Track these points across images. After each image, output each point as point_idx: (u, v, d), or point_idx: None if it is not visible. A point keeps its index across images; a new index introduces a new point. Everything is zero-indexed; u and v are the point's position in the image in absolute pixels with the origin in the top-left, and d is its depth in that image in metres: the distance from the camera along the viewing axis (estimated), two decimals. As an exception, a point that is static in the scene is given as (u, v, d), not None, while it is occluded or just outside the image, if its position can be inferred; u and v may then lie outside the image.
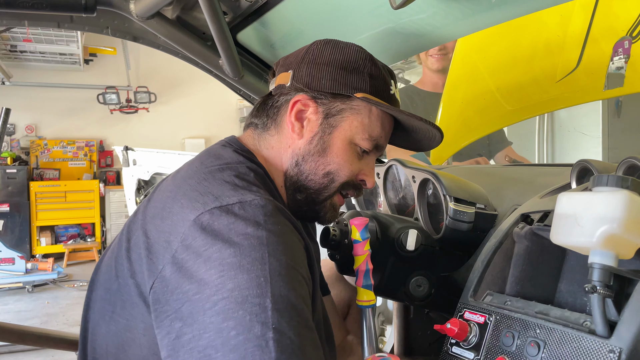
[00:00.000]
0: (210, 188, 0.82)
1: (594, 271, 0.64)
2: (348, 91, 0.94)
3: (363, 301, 0.90)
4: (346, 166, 0.96)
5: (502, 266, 0.92)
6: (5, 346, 3.77)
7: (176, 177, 0.91)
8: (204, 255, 0.72)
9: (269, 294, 0.69)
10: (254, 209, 0.76)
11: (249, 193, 0.80)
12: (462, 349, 0.83)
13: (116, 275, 0.85)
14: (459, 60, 2.06)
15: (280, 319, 0.68)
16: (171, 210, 0.81)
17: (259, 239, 0.73)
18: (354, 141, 0.96)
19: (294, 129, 0.96)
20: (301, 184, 0.97)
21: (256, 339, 0.65)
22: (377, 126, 0.97)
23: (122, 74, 7.88)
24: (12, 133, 7.62)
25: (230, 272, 0.70)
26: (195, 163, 0.93)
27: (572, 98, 1.75)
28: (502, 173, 1.52)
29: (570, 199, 0.70)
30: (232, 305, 0.68)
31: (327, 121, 0.95)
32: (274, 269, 0.71)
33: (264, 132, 1.00)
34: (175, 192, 0.85)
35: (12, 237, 6.86)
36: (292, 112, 0.96)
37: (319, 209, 0.99)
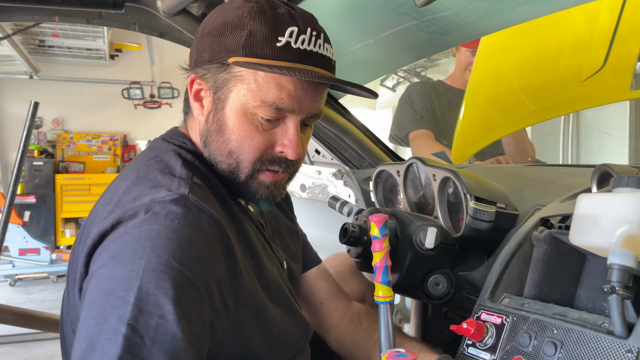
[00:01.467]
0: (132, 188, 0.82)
1: (613, 272, 0.64)
2: (223, 58, 0.85)
3: (381, 297, 0.91)
4: (246, 141, 0.87)
5: (521, 269, 0.92)
6: (30, 334, 3.86)
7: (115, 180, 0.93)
8: (107, 250, 0.75)
9: (135, 289, 0.67)
10: (160, 205, 0.76)
11: (165, 190, 0.79)
12: (478, 350, 0.83)
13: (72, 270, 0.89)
14: (483, 59, 2.04)
15: (137, 317, 0.66)
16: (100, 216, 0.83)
17: (149, 233, 0.72)
18: (248, 111, 0.85)
19: (194, 109, 0.92)
20: (214, 165, 0.91)
21: (109, 331, 0.65)
22: (270, 88, 0.83)
23: (147, 69, 7.98)
24: (39, 126, 7.78)
25: (110, 262, 0.71)
26: (132, 163, 0.94)
27: (598, 98, 1.73)
28: (524, 173, 1.51)
29: (590, 200, 0.70)
30: (100, 295, 0.69)
31: (217, 96, 0.88)
32: (149, 265, 0.69)
33: (187, 115, 0.99)
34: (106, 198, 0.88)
35: (37, 228, 7.01)
36: (191, 93, 0.92)
37: (245, 189, 0.91)
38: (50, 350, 3.83)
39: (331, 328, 1.22)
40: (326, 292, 1.24)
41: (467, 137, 2.01)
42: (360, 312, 1.26)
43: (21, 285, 5.82)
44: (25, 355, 3.77)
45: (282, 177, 0.92)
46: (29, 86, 7.42)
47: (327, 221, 2.04)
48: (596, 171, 0.90)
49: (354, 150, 1.81)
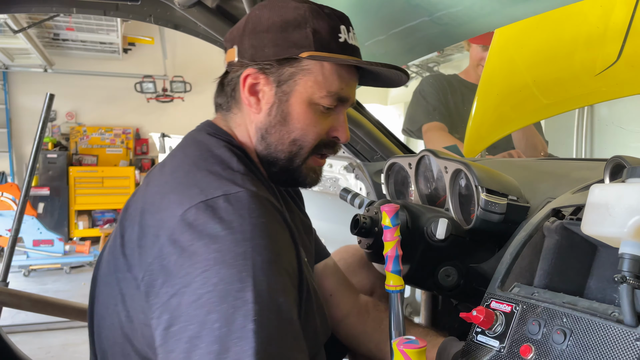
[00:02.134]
0: (196, 180, 0.83)
1: (624, 261, 0.64)
2: (292, 53, 0.91)
3: (392, 286, 0.92)
4: (311, 129, 0.95)
5: (531, 259, 0.92)
6: (44, 323, 3.92)
7: (163, 170, 0.92)
8: (189, 250, 0.75)
9: (251, 288, 0.71)
10: (238, 202, 0.78)
11: (233, 184, 0.81)
12: (488, 337, 0.84)
13: (114, 270, 0.88)
14: (496, 53, 2.03)
15: (260, 312, 0.70)
16: (160, 205, 0.83)
17: (243, 234, 0.75)
18: (313, 101, 0.93)
19: (250, 104, 0.95)
20: (272, 156, 0.96)
21: (238, 330, 0.69)
22: (334, 80, 0.93)
23: (159, 63, 8.02)
24: (53, 119, 7.86)
25: (215, 266, 0.73)
26: (179, 154, 0.94)
27: (611, 92, 1.72)
28: (536, 166, 1.51)
29: (602, 189, 0.70)
30: (216, 298, 0.71)
31: (281, 89, 0.93)
32: (256, 264, 0.73)
33: (228, 112, 1.00)
34: (163, 187, 0.87)
35: (51, 219, 7.10)
36: (245, 88, 0.94)
37: (296, 175, 0.98)
38: (64, 339, 3.88)
39: (340, 320, 1.23)
40: (334, 284, 1.25)
41: (479, 130, 2.01)
42: (368, 303, 1.28)
43: (35, 275, 5.90)
44: (40, 344, 3.83)
45: (324, 162, 1.02)
46: (43, 79, 7.49)
47: (337, 214, 2.05)
48: (609, 163, 0.90)
49: (366, 143, 1.82)
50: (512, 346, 0.78)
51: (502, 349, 0.79)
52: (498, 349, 0.80)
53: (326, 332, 1.07)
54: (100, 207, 7.73)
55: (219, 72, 0.98)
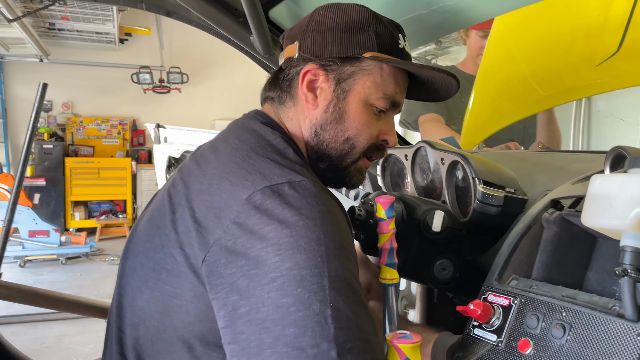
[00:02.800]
0: (257, 166, 0.83)
1: (626, 254, 0.62)
2: (356, 52, 0.93)
3: (386, 279, 0.90)
4: (365, 129, 0.96)
5: (529, 251, 0.90)
6: (39, 314, 3.91)
7: (217, 153, 0.92)
8: (258, 234, 0.75)
9: (326, 274, 0.72)
10: (303, 190, 0.78)
11: (295, 173, 0.81)
12: (485, 331, 0.82)
13: (161, 245, 0.87)
14: (494, 44, 2.01)
15: (337, 297, 0.71)
16: (219, 186, 0.83)
17: (314, 220, 0.75)
18: (369, 102, 0.95)
19: (307, 99, 0.96)
20: (323, 152, 0.97)
21: (315, 315, 0.69)
22: (390, 83, 0.96)
23: (156, 54, 7.98)
24: (49, 110, 7.82)
25: (288, 251, 0.73)
26: (232, 140, 0.93)
27: (610, 84, 1.70)
28: (534, 158, 1.49)
29: (604, 180, 0.68)
30: (291, 282, 0.71)
31: (340, 87, 0.95)
32: (329, 250, 0.74)
33: (281, 105, 1.00)
34: (222, 169, 0.86)
35: (47, 210, 7.08)
36: (303, 83, 0.95)
37: (343, 174, 0.99)
38: (59, 330, 3.88)
39: None
40: None
41: (476, 123, 1.99)
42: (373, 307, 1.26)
43: (30, 266, 5.89)
44: (35, 335, 3.82)
45: (369, 164, 1.03)
46: (38, 69, 7.45)
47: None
48: (610, 153, 0.88)
49: (362, 135, 1.79)
50: (509, 340, 0.77)
51: (500, 343, 0.78)
52: (495, 343, 0.79)
53: None
54: (96, 198, 7.71)
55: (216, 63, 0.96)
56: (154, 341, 0.86)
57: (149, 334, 0.87)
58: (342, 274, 0.73)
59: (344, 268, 0.74)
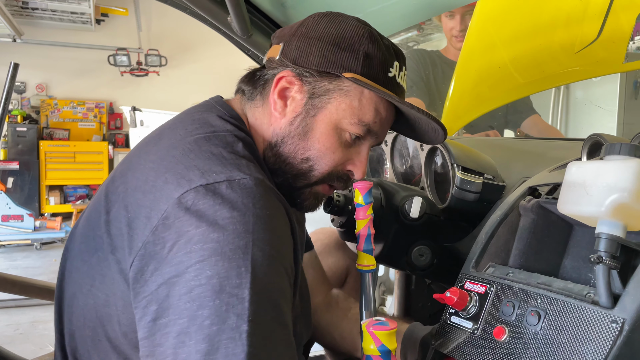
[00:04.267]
0: (196, 161, 0.77)
1: (601, 241, 0.62)
2: (337, 70, 0.86)
3: (363, 265, 0.89)
4: (328, 154, 0.88)
5: (507, 239, 0.90)
6: (13, 300, 3.84)
7: (159, 144, 0.85)
8: (185, 237, 0.69)
9: (248, 286, 0.67)
10: (242, 189, 0.72)
11: (237, 170, 0.75)
12: (461, 319, 0.82)
13: (95, 249, 0.81)
14: (475, 31, 2.00)
15: (256, 313, 0.66)
16: (154, 184, 0.77)
17: (245, 225, 0.70)
18: (340, 126, 0.87)
19: (276, 107, 0.89)
20: (278, 166, 0.90)
21: (230, 330, 0.64)
22: (369, 110, 0.87)
23: (134, 35, 7.81)
24: (22, 91, 7.62)
25: (211, 258, 0.67)
26: (179, 130, 0.86)
27: (588, 71, 1.70)
28: (512, 145, 1.49)
29: (580, 167, 0.68)
30: (209, 293, 0.66)
31: (312, 102, 0.87)
32: (256, 260, 0.68)
33: (250, 102, 0.94)
34: (159, 164, 0.79)
35: (21, 194, 6.93)
36: (275, 88, 0.88)
37: (296, 195, 0.91)
38: (33, 316, 3.82)
39: None
40: (312, 278, 1.19)
41: (456, 109, 1.98)
42: (339, 295, 1.25)
43: (4, 251, 5.78)
44: (8, 321, 3.75)
45: (331, 192, 0.95)
46: (11, 49, 7.23)
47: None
48: (587, 141, 0.88)
49: (342, 120, 1.78)
50: (485, 327, 0.77)
51: (476, 330, 0.78)
52: (471, 331, 0.78)
53: (308, 333, 1.05)
54: (72, 183, 7.57)
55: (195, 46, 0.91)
56: (89, 351, 0.82)
57: (85, 344, 0.82)
58: (265, 288, 0.68)
59: (269, 281, 0.69)
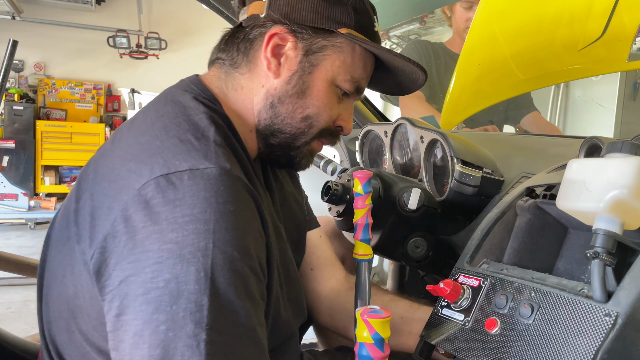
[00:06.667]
0: (162, 149, 0.73)
1: (598, 237, 0.63)
2: (331, 25, 0.84)
3: (360, 255, 0.90)
4: (326, 110, 0.88)
5: (502, 237, 0.91)
6: (5, 279, 3.84)
7: (131, 130, 0.81)
8: (142, 233, 0.66)
9: (209, 292, 0.63)
10: (205, 180, 0.68)
11: (203, 158, 0.71)
12: (453, 311, 0.83)
13: (67, 237, 0.78)
14: (479, 25, 1.99)
15: (216, 319, 0.63)
16: (119, 173, 0.73)
17: (206, 224, 0.65)
18: (335, 82, 0.87)
19: (270, 66, 0.85)
20: (276, 127, 0.88)
21: (187, 338, 0.62)
22: (359, 67, 0.88)
23: (134, 18, 7.74)
24: (20, 70, 7.56)
25: (169, 260, 0.64)
26: (151, 114, 0.82)
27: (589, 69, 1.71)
28: (512, 141, 1.50)
29: (580, 164, 0.68)
30: (166, 298, 0.63)
31: (308, 59, 0.85)
32: (217, 263, 0.65)
33: (233, 69, 0.89)
34: (126, 152, 0.76)
35: (16, 173, 6.89)
36: (268, 46, 0.84)
37: (294, 154, 0.91)
38: (26, 295, 3.82)
39: (323, 296, 1.15)
40: (318, 258, 1.17)
41: (457, 103, 1.98)
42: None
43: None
44: (1, 299, 3.76)
45: (322, 147, 0.95)
46: (10, 27, 7.16)
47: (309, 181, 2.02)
48: (585, 143, 0.88)
49: (342, 109, 1.77)
50: (477, 320, 0.77)
51: (467, 322, 0.78)
52: (463, 323, 0.79)
53: (302, 316, 1.01)
54: (68, 164, 7.53)
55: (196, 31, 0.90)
56: (66, 343, 0.80)
57: (61, 334, 0.81)
58: (227, 292, 0.64)
59: (231, 286, 0.65)
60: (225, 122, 0.83)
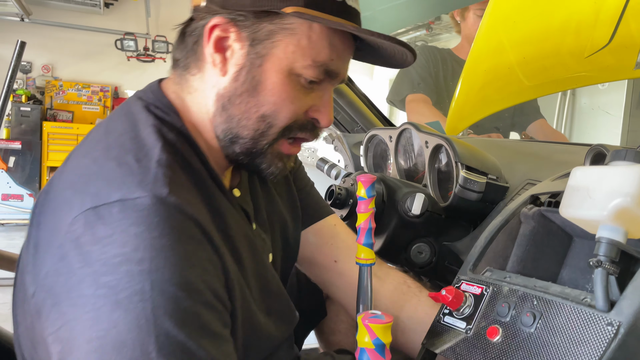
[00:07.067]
0: (98, 174, 0.67)
1: (601, 245, 0.62)
2: (274, 6, 0.71)
3: (362, 259, 0.89)
4: (286, 105, 0.75)
5: (505, 245, 0.90)
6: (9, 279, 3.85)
7: (79, 148, 0.75)
8: (77, 275, 0.61)
9: (153, 338, 0.58)
10: (136, 213, 0.61)
11: (137, 186, 0.64)
12: (455, 319, 0.82)
13: (23, 264, 0.73)
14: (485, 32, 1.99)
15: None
16: (57, 203, 0.68)
17: (139, 264, 0.59)
18: (293, 71, 0.74)
19: (215, 63, 0.76)
20: (234, 132, 0.77)
21: None
22: (323, 47, 0.74)
23: (142, 21, 7.78)
24: (28, 71, 7.61)
25: (105, 306, 0.58)
26: (101, 129, 0.75)
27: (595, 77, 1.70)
28: (518, 147, 1.49)
29: (584, 172, 0.68)
30: (109, 347, 0.57)
31: (255, 49, 0.74)
32: (158, 306, 0.59)
33: (185, 71, 0.80)
34: (67, 176, 0.70)
35: (22, 174, 6.93)
36: (210, 41, 0.75)
37: (259, 161, 0.80)
38: (29, 296, 3.83)
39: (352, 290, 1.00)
40: (339, 248, 1.05)
41: (462, 109, 1.98)
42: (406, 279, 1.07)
43: (3, 230, 5.79)
44: (3, 299, 3.76)
45: (297, 149, 0.83)
46: (19, 29, 7.21)
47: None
48: (590, 151, 0.88)
49: (347, 114, 1.78)
50: (479, 328, 0.77)
51: (469, 330, 0.78)
52: (465, 331, 0.78)
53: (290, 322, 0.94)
54: (74, 165, 7.57)
55: None
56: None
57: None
58: (175, 335, 0.59)
59: (179, 327, 0.59)
60: (179, 134, 0.76)
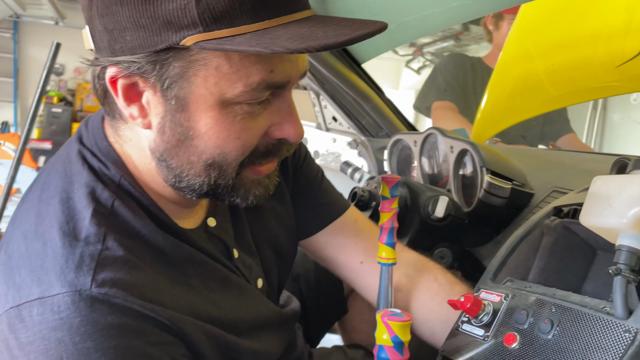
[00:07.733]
0: (24, 257, 0.60)
1: (621, 254, 0.62)
2: (170, 41, 0.56)
3: (384, 259, 0.89)
4: (231, 143, 0.62)
5: (527, 256, 0.90)
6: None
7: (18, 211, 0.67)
8: None
9: None
10: (55, 315, 0.55)
11: (57, 278, 0.56)
12: (473, 326, 0.82)
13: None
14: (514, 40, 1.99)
15: None
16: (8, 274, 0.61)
17: None
18: (226, 102, 0.60)
19: (133, 116, 0.63)
20: (185, 181, 0.65)
21: None
22: (252, 64, 0.58)
23: (172, 26, 7.94)
24: (60, 73, 7.81)
25: None
26: (37, 186, 0.68)
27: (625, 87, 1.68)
28: (544, 155, 1.48)
29: (605, 180, 0.68)
30: None
31: (170, 93, 0.60)
32: None
33: (114, 120, 0.68)
34: (4, 251, 0.64)
35: (52, 173, 7.10)
36: (117, 95, 0.61)
37: (235, 196, 0.68)
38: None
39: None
40: (366, 247, 0.97)
41: (489, 117, 1.97)
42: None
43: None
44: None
45: (272, 166, 0.70)
46: (53, 32, 7.40)
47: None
48: (616, 163, 0.87)
49: (372, 118, 1.79)
50: (497, 335, 0.76)
51: (487, 337, 0.77)
52: (482, 338, 0.78)
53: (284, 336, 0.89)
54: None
55: None
56: None
57: None
58: None
59: None
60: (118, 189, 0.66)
